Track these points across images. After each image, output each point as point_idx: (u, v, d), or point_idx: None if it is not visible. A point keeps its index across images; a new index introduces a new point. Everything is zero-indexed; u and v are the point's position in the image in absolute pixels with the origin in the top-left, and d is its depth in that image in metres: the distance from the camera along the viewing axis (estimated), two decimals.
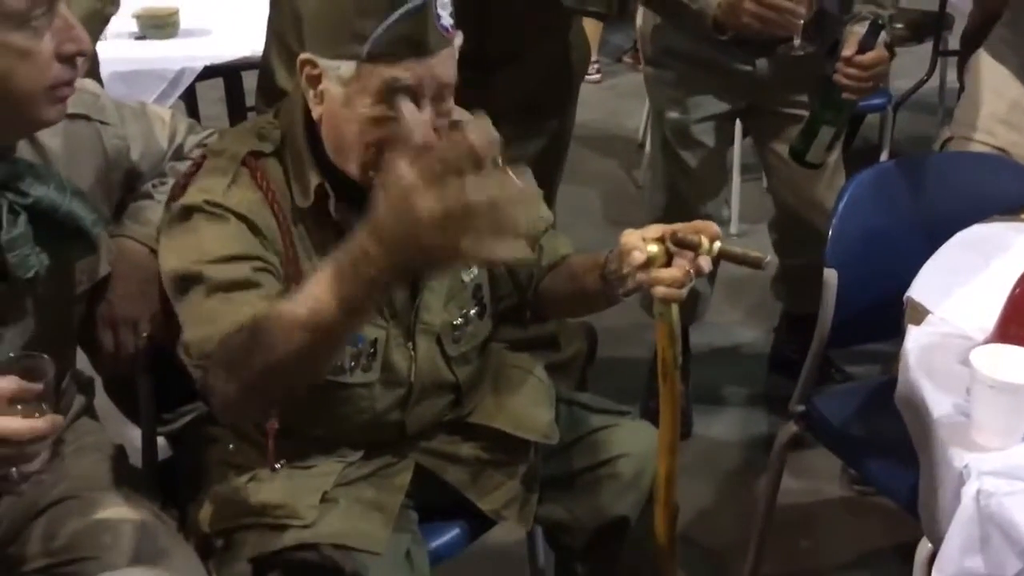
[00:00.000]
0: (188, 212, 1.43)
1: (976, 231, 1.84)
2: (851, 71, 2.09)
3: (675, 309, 1.44)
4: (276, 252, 1.45)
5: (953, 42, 4.02)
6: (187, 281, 1.41)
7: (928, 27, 4.06)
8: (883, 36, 2.10)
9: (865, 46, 2.08)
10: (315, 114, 1.45)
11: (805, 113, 2.28)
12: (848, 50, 2.09)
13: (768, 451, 2.08)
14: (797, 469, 2.46)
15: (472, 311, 1.62)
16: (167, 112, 1.68)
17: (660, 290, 1.41)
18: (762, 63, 2.35)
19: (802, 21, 2.13)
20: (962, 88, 2.36)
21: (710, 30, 2.19)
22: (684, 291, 1.41)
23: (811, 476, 2.50)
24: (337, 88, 1.40)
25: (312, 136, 1.47)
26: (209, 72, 2.89)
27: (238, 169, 1.45)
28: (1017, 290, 1.47)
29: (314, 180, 1.46)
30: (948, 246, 1.79)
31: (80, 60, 1.30)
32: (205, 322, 1.37)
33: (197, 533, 1.53)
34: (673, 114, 2.47)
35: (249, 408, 1.38)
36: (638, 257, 1.39)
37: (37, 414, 1.21)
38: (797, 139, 2.22)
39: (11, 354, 1.29)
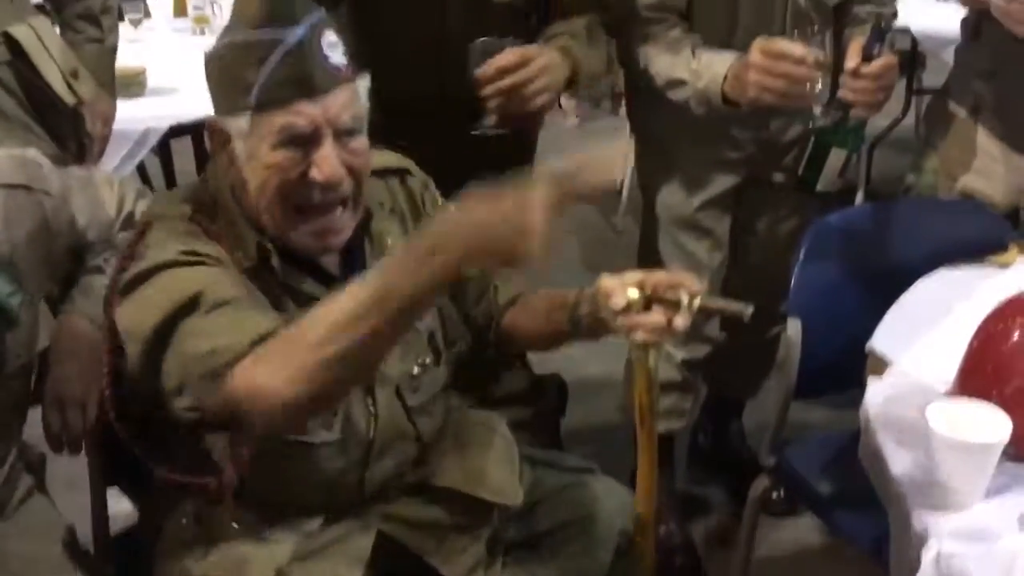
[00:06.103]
0: (158, 268, 1.35)
1: (940, 277, 1.82)
2: (858, 84, 1.84)
3: (653, 355, 1.44)
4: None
5: (927, 80, 4.03)
6: (177, 316, 1.30)
7: (902, 66, 4.06)
8: (889, 38, 1.86)
9: (869, 53, 1.84)
10: (228, 179, 1.42)
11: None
12: (851, 60, 1.84)
13: None
14: (785, 521, 2.45)
15: (428, 359, 1.60)
16: (115, 179, 1.68)
17: (640, 335, 1.40)
18: (777, 124, 2.09)
19: (819, 87, 1.85)
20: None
21: (720, 107, 1.94)
22: (664, 336, 1.40)
23: (797, 527, 2.46)
24: (240, 144, 1.38)
25: (241, 199, 1.44)
26: (181, 130, 2.88)
27: (190, 227, 1.42)
28: (975, 342, 1.44)
29: (252, 239, 1.43)
30: (911, 293, 1.77)
31: None
32: (221, 333, 1.26)
33: None
34: (673, 198, 2.17)
35: (302, 404, 1.24)
36: (618, 302, 1.39)
37: None
38: (805, 166, 1.99)
39: None
